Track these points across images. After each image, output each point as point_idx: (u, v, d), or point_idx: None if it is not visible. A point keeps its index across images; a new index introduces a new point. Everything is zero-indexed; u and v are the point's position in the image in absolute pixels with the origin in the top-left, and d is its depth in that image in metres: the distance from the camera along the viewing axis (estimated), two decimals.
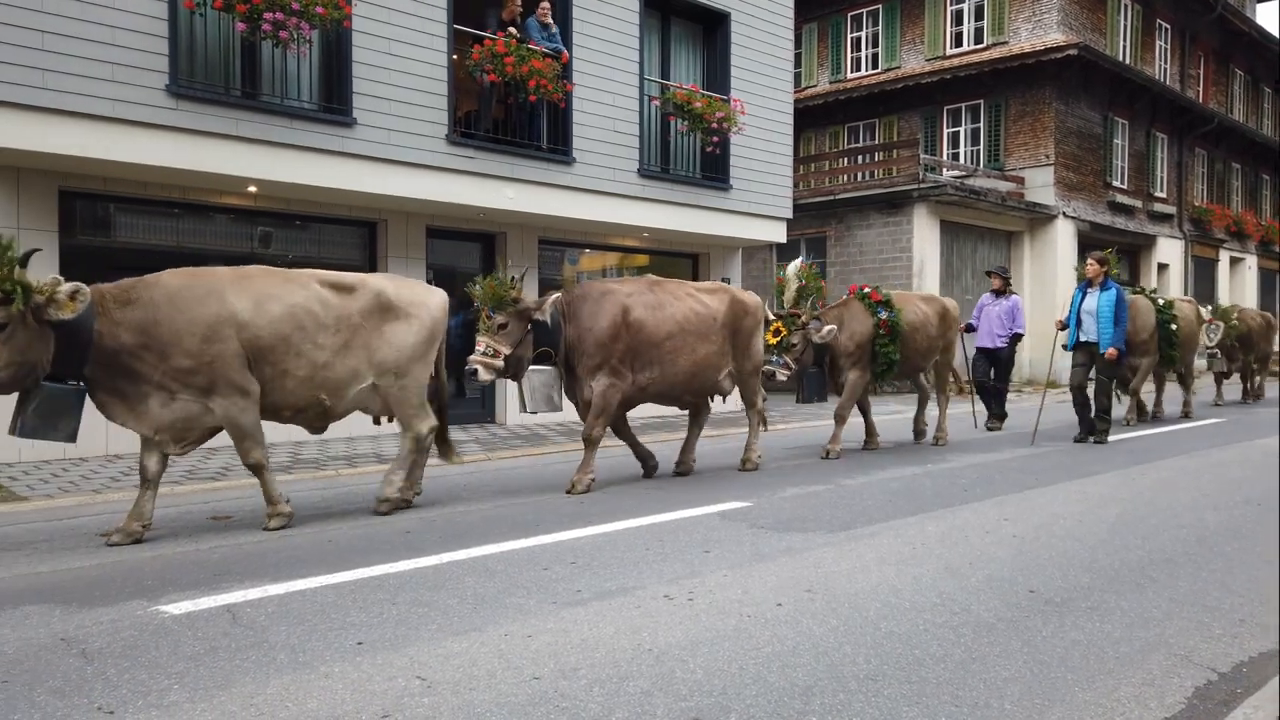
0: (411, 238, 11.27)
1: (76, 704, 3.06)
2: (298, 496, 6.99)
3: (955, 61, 21.13)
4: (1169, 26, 24.67)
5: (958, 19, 21.66)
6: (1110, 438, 10.44)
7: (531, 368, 6.79)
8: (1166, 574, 4.69)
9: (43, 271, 8.62)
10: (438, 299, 6.44)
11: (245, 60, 9.27)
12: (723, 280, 14.57)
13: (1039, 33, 20.36)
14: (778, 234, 14.67)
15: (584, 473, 7.06)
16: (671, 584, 4.45)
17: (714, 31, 13.83)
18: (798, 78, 23.57)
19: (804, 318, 8.57)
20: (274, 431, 9.76)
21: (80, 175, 8.86)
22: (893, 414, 12.94)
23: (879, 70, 22.73)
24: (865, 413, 9.85)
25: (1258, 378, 16.38)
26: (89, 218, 9.37)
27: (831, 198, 19.00)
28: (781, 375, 8.40)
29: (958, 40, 21.68)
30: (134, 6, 8.33)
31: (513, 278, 6.80)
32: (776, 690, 3.16)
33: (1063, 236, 20.43)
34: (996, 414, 11.51)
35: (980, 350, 11.51)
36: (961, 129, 21.57)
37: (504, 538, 5.45)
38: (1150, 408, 12.92)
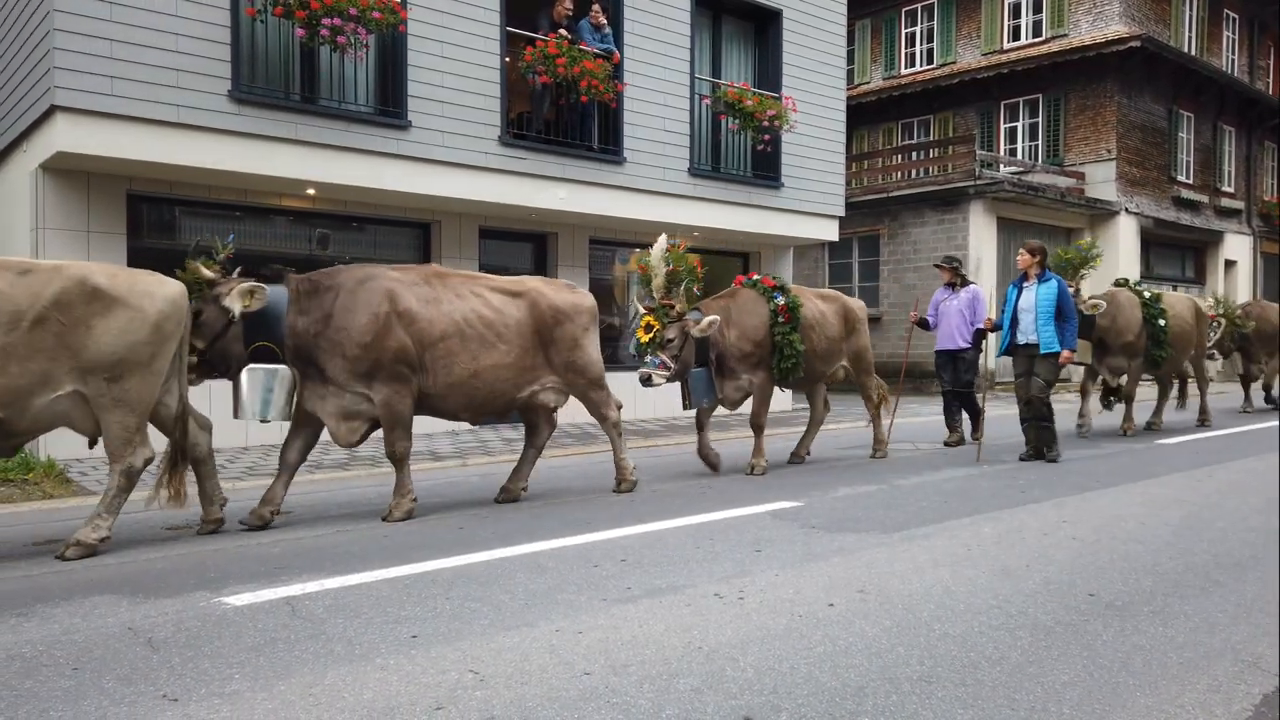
0: (464, 238, 11.40)
1: (143, 691, 3.15)
2: (355, 493, 7.13)
3: (1013, 55, 20.74)
4: (1237, 16, 23.92)
5: (1015, 12, 21.26)
6: (1169, 439, 10.14)
7: (250, 365, 5.66)
8: (1233, 578, 4.56)
9: None
10: (170, 290, 5.23)
11: (304, 65, 9.47)
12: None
13: (1100, 24, 19.89)
14: (830, 232, 14.55)
15: (400, 496, 6.04)
16: (722, 583, 4.44)
17: (765, 29, 13.77)
18: (851, 75, 23.36)
19: (678, 308, 7.34)
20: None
21: (147, 179, 9.13)
22: (932, 416, 12.73)
23: (934, 65, 22.41)
24: (875, 420, 9.03)
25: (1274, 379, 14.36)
26: (155, 220, 9.64)
27: (885, 195, 18.78)
28: (658, 379, 7.20)
29: (1015, 34, 21.27)
30: (198, 15, 8.56)
31: (200, 248, 5.70)
32: (828, 690, 3.14)
33: (1125, 233, 19.93)
34: (973, 425, 10.08)
35: (941, 353, 10.17)
36: (1019, 124, 21.16)
37: (554, 535, 5.49)
38: (1155, 415, 11.42)
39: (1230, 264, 23.77)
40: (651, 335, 7.29)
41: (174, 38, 8.45)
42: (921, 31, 22.88)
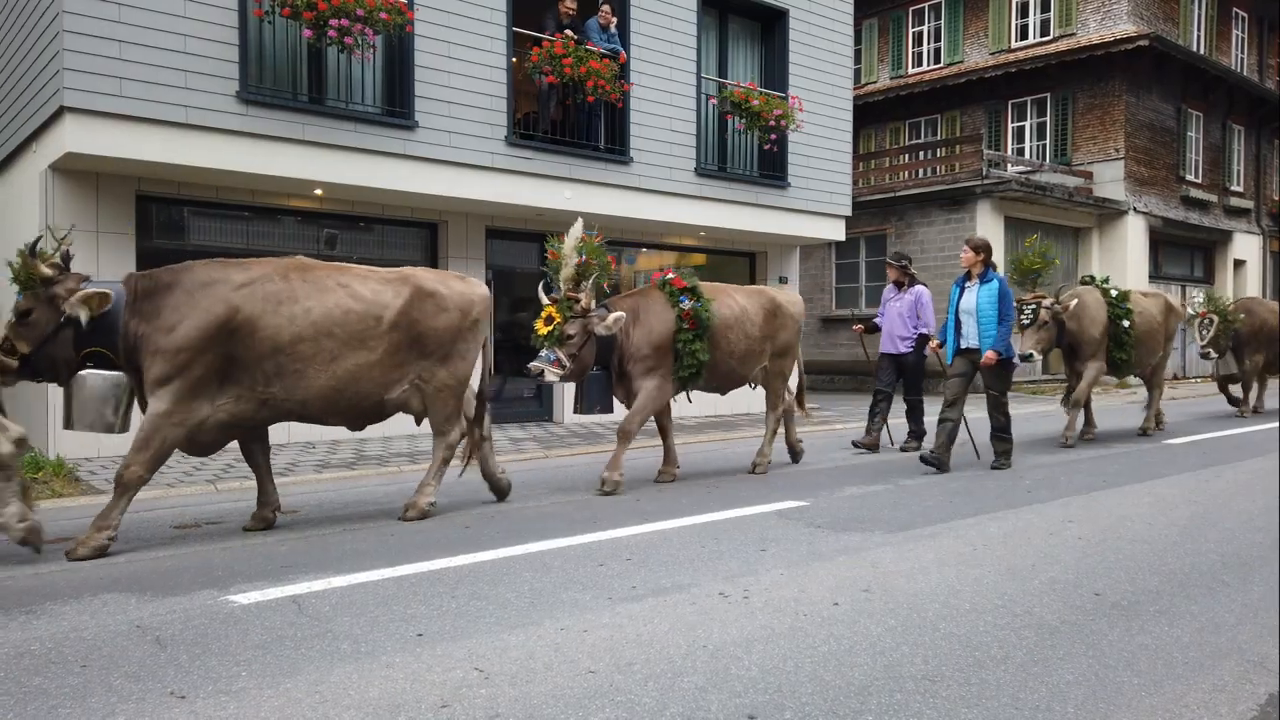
0: (471, 238, 11.43)
1: (150, 688, 3.17)
2: (361, 493, 7.15)
3: (1020, 54, 20.68)
4: (1246, 15, 23.81)
5: (1023, 11, 21.20)
6: (1176, 439, 10.10)
7: (88, 371, 5.23)
8: (1240, 578, 4.54)
9: (121, 272, 8.98)
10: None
11: (311, 66, 9.50)
12: (780, 280, 14.51)
13: (1108, 23, 19.82)
14: (837, 232, 14.54)
15: (92, 529, 5.12)
16: (727, 582, 4.45)
17: (772, 29, 13.76)
18: (858, 74, 23.31)
19: (583, 302, 6.67)
20: (340, 429, 10.03)
21: (156, 180, 9.17)
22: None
23: (941, 65, 22.36)
24: (770, 430, 8.20)
25: (1261, 384, 13.49)
26: (164, 221, 9.69)
27: (892, 195, 18.76)
28: (551, 375, 6.59)
29: (1023, 33, 21.22)
30: (205, 16, 8.60)
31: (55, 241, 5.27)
32: (832, 689, 3.15)
33: (1134, 232, 19.87)
34: (913, 432, 9.68)
35: (884, 356, 9.73)
36: (1027, 123, 21.10)
37: (561, 534, 5.50)
38: (1152, 422, 10.78)
39: (1239, 263, 23.67)
40: (551, 328, 6.64)
41: (182, 39, 8.48)
42: (929, 31, 22.83)
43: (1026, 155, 20.76)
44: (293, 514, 6.31)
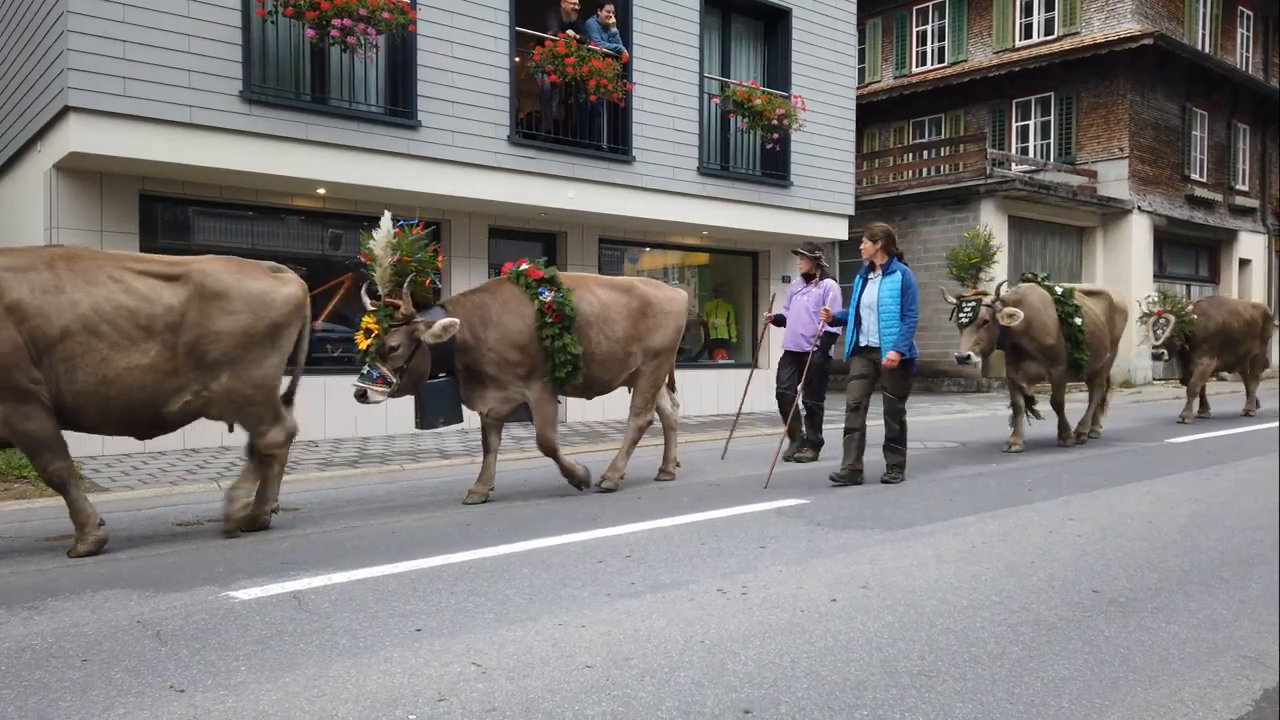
0: (474, 238, 11.45)
1: (150, 682, 3.19)
2: (364, 491, 7.17)
3: (1024, 54, 20.64)
4: (1251, 13, 23.74)
5: (1027, 10, 21.17)
6: (1181, 439, 10.07)
7: None
8: (1238, 576, 4.54)
9: None
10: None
11: (314, 66, 9.53)
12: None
13: (1112, 22, 19.78)
14: (840, 231, 14.54)
15: (79, 528, 5.04)
16: (725, 578, 4.46)
17: (774, 28, 13.76)
18: (861, 74, 23.30)
19: (402, 308, 5.91)
20: (344, 427, 10.08)
21: (160, 179, 9.21)
22: (941, 415, 12.69)
23: (945, 64, 22.33)
24: (668, 437, 7.58)
25: (1251, 384, 13.04)
26: (168, 220, 9.73)
27: (895, 194, 18.74)
28: (376, 396, 5.88)
29: (1027, 32, 21.18)
30: (209, 16, 8.63)
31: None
32: (828, 684, 3.16)
33: (1138, 232, 19.83)
34: (811, 441, 8.77)
35: (786, 354, 8.79)
36: (1031, 122, 21.07)
37: (561, 531, 5.52)
38: (1089, 425, 10.22)
39: (1245, 263, 23.61)
40: (370, 342, 5.91)
41: (185, 39, 8.52)
42: (933, 30, 22.80)
43: (1030, 154, 20.72)
44: (295, 511, 6.34)
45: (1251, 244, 23.80)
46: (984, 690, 3.11)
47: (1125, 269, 19.56)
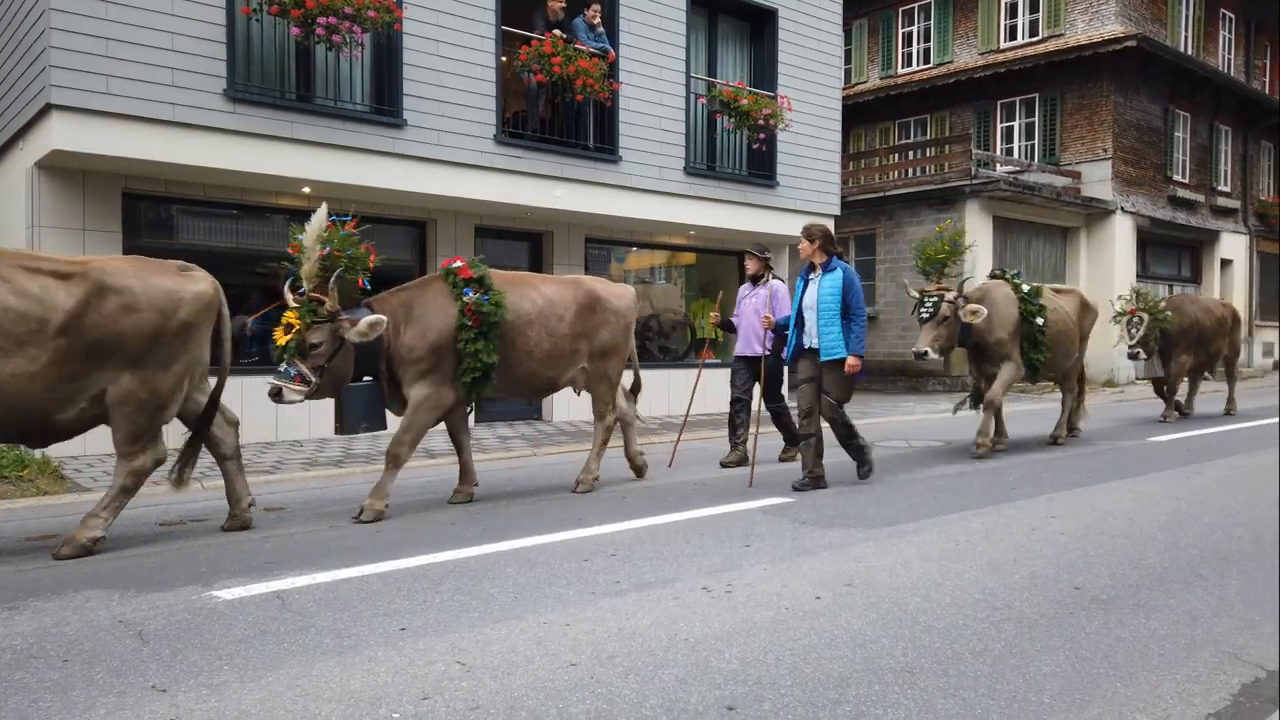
0: (460, 237, 11.43)
1: (132, 682, 3.18)
2: (348, 491, 7.15)
3: (1009, 55, 20.76)
4: (1233, 16, 23.94)
5: (1012, 12, 21.28)
6: (1164, 437, 10.14)
7: None
8: (1218, 573, 4.59)
9: None
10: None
11: (299, 64, 9.49)
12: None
13: (1096, 24, 19.92)
14: None
15: None
16: (710, 576, 4.47)
17: (761, 28, 13.79)
18: (848, 74, 23.37)
19: (328, 304, 5.62)
20: (327, 427, 10.02)
21: (143, 178, 9.15)
22: (925, 415, 12.76)
23: (931, 65, 22.42)
24: (598, 442, 7.19)
25: (1192, 385, 13.05)
26: (152, 219, 9.67)
27: (881, 194, 18.81)
28: (293, 395, 5.57)
29: (1012, 33, 21.29)
30: (193, 13, 8.58)
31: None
32: (812, 681, 3.17)
33: (1121, 232, 19.97)
34: (789, 439, 8.66)
35: (739, 359, 8.57)
36: (1015, 123, 21.18)
37: (546, 530, 5.52)
38: (1063, 429, 9.96)
39: (1226, 263, 23.80)
40: (290, 337, 5.61)
41: (170, 36, 8.47)
42: (919, 31, 22.89)
43: (1015, 155, 20.84)
44: (279, 511, 6.32)
45: (1233, 244, 24.00)
46: (966, 687, 3.13)
47: (1108, 269, 19.69)
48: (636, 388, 7.76)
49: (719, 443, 9.54)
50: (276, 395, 5.57)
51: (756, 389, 8.24)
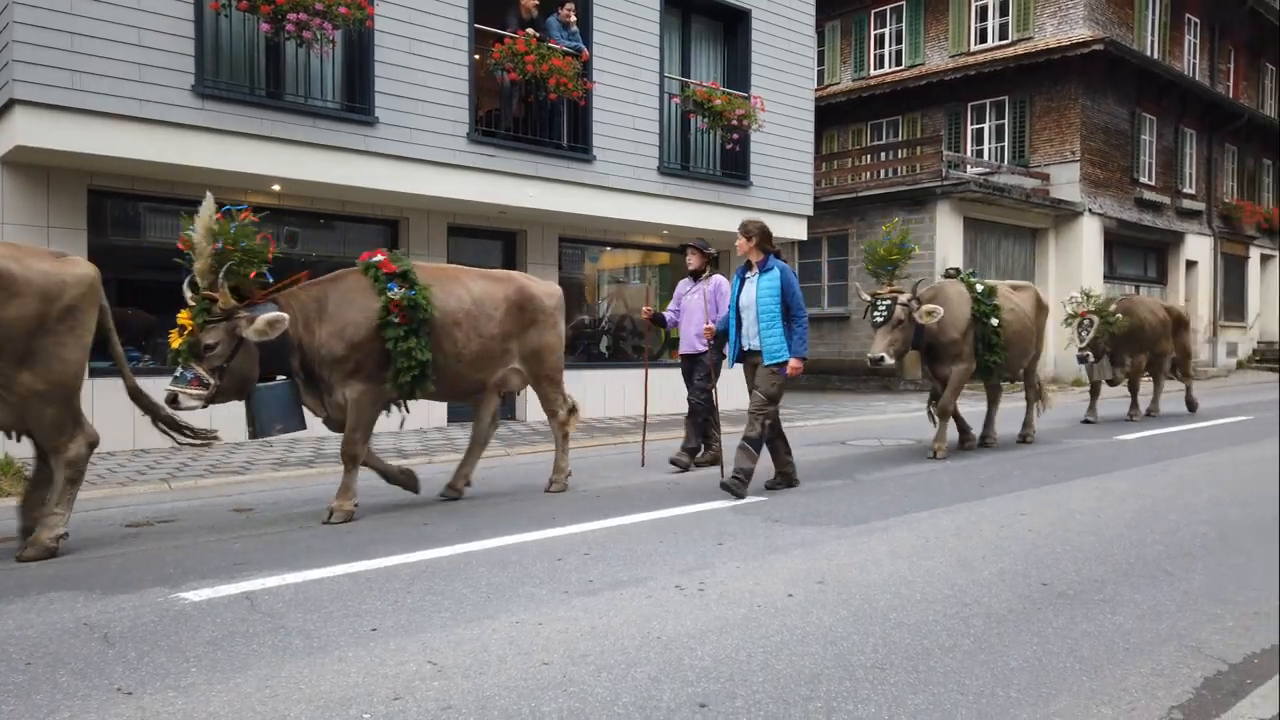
0: (433, 236, 11.37)
1: (96, 685, 3.13)
2: (319, 491, 7.09)
3: (980, 58, 20.97)
4: (1198, 21, 24.33)
5: (982, 15, 21.50)
6: (1130, 435, 10.28)
7: None
8: (1182, 568, 4.66)
9: None
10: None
11: (269, 60, 9.40)
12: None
13: (1064, 28, 20.16)
14: (799, 231, 14.66)
15: None
16: (683, 575, 4.48)
17: (734, 29, 13.84)
18: (821, 75, 23.52)
19: (220, 303, 5.34)
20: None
21: (109, 174, 9.02)
22: (897, 414, 12.87)
23: (902, 67, 22.60)
24: (560, 443, 7.06)
25: (1156, 385, 13.03)
26: (118, 217, 9.53)
27: (854, 195, 18.93)
28: (190, 401, 5.27)
29: (982, 36, 21.51)
30: (160, 8, 8.47)
31: None
32: (783, 677, 3.19)
33: (1089, 233, 20.23)
34: (687, 447, 8.15)
35: (684, 358, 8.33)
36: (986, 125, 21.40)
37: (519, 530, 5.51)
38: (985, 429, 9.71)
39: (1191, 264, 24.18)
40: (183, 340, 5.34)
41: (136, 31, 8.35)
42: (890, 33, 23.07)
43: (985, 157, 21.06)
44: (248, 512, 6.26)
45: (1198, 246, 24.38)
46: (935, 682, 3.16)
47: (1076, 269, 19.94)
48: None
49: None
50: (173, 402, 5.28)
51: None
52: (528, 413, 12.22)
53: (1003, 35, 21.17)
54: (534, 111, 11.25)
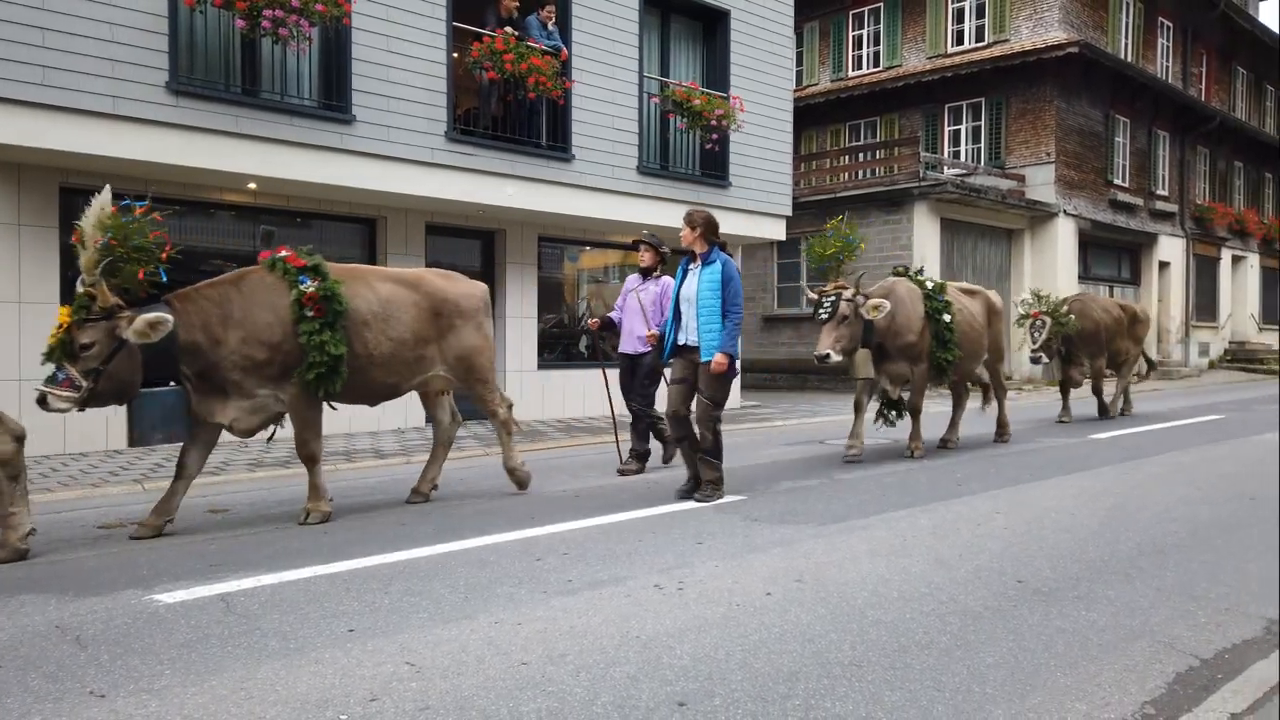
0: (411, 235, 11.31)
1: (69, 688, 3.10)
2: (295, 491, 7.04)
3: (956, 59, 21.13)
4: (1171, 25, 24.63)
5: (959, 17, 21.66)
6: (1104, 434, 10.38)
7: None
8: (1155, 565, 4.72)
9: (44, 270, 8.70)
10: None
11: (245, 57, 9.31)
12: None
13: (1040, 31, 20.35)
14: (778, 231, 14.70)
15: None
16: (662, 574, 4.49)
17: (714, 29, 13.86)
18: (799, 76, 23.60)
19: (99, 301, 5.01)
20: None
21: (81, 172, 8.90)
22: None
23: (880, 68, 22.73)
24: (437, 450, 6.76)
25: (1121, 383, 12.93)
26: None
27: (832, 195, 19.01)
28: (59, 404, 4.93)
29: (959, 38, 21.67)
30: (134, 4, 8.37)
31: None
32: (762, 676, 3.20)
33: (1064, 234, 20.43)
34: (636, 451, 7.92)
35: (624, 358, 7.98)
36: (962, 127, 21.56)
37: (498, 530, 5.49)
38: (950, 430, 9.68)
39: (1164, 265, 24.47)
40: (57, 337, 4.99)
41: (109, 27, 8.25)
42: (868, 34, 23.19)
43: (962, 158, 21.22)
44: (223, 513, 6.20)
45: (1171, 247, 24.68)
46: (912, 679, 3.18)
47: (1051, 270, 20.12)
48: (452, 410, 6.97)
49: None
50: (42, 403, 4.94)
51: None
52: None
53: (979, 37, 21.33)
54: (513, 110, 11.22)
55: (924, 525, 5.62)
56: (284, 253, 5.80)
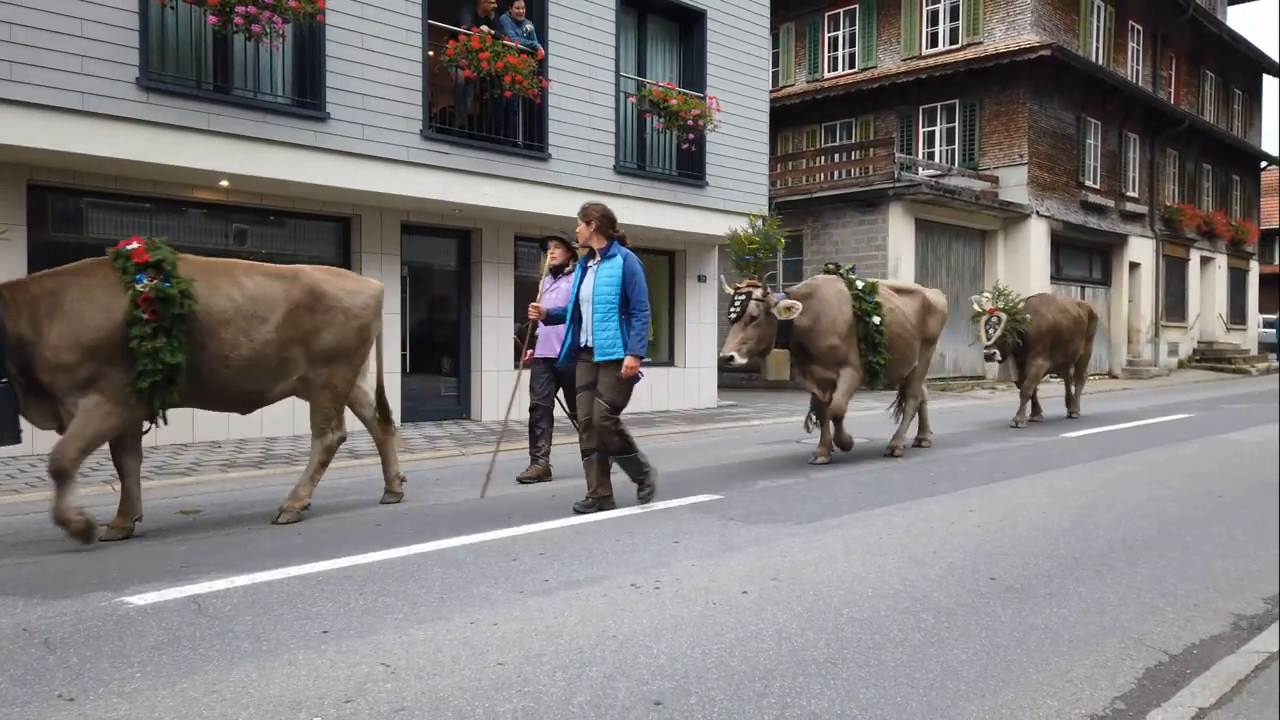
0: (386, 234, 11.24)
1: (37, 691, 3.05)
2: (270, 492, 6.97)
3: (931, 61, 21.29)
4: (1141, 28, 24.95)
5: (933, 19, 21.82)
6: (1075, 433, 10.48)
7: None
8: (1125, 562, 4.78)
9: (12, 270, 8.55)
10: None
11: (217, 54, 9.22)
12: (699, 279, 14.66)
13: (1013, 33, 20.54)
14: None
15: None
16: (639, 574, 4.49)
17: (690, 29, 13.88)
18: (775, 77, 23.70)
19: None
20: (249, 427, 9.77)
21: (50, 169, 8.78)
22: (854, 413, 13.01)
23: (856, 70, 22.86)
24: (316, 464, 6.10)
25: (1073, 387, 12.86)
26: (59, 212, 9.28)
27: (808, 196, 19.10)
28: None
29: (933, 40, 21.84)
30: None
31: None
32: (737, 674, 3.21)
33: (1036, 235, 20.64)
34: (545, 455, 7.55)
35: (539, 362, 7.45)
36: (937, 128, 21.73)
37: (474, 530, 5.47)
38: (927, 433, 9.60)
39: (1135, 265, 24.78)
40: None
41: (79, 22, 8.14)
42: (844, 36, 23.31)
43: (936, 159, 21.37)
44: (195, 514, 6.13)
45: (1141, 248, 25.00)
46: (887, 676, 3.20)
47: (1024, 270, 20.32)
48: (382, 405, 6.58)
49: (653, 441, 9.55)
50: None
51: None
52: (482, 412, 12.14)
53: (953, 39, 21.50)
54: (489, 109, 11.18)
55: (899, 523, 5.65)
56: (133, 245, 5.24)
